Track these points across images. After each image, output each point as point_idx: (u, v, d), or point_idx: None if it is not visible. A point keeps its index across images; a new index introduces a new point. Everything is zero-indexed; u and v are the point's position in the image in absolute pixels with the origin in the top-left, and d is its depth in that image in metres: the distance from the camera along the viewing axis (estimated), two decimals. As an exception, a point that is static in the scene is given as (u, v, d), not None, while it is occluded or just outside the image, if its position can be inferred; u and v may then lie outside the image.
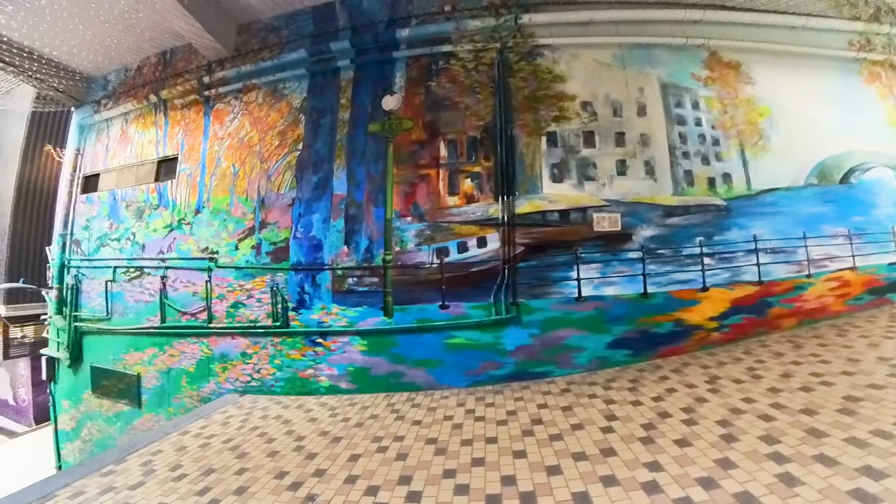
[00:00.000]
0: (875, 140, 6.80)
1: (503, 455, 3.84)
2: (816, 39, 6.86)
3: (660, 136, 5.97)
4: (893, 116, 7.00)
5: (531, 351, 5.61)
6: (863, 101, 6.91)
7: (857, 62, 7.04)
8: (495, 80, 6.08)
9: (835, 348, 5.18)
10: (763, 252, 5.88)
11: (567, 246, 5.66)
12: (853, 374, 4.31)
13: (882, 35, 7.25)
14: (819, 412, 3.62)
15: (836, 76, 6.87)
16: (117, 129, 7.54)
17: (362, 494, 3.49)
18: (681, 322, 5.65)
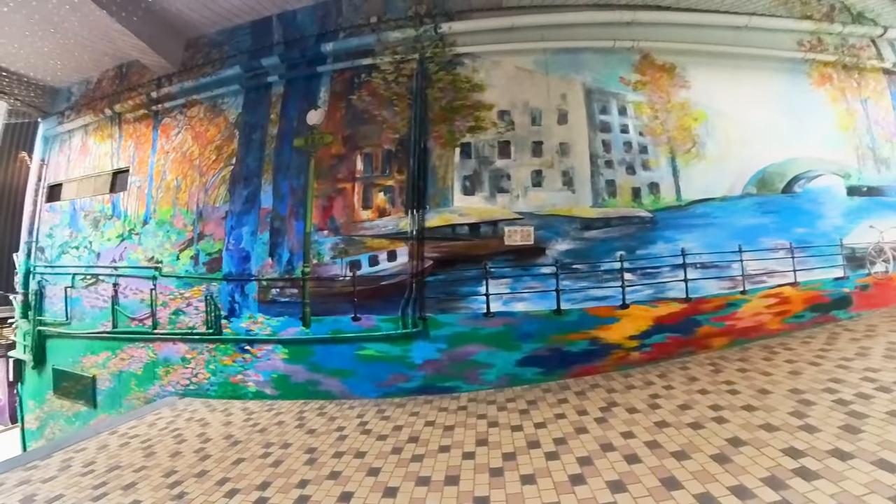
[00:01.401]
0: (823, 146, 5.49)
1: (359, 471, 3.32)
2: (762, 39, 5.55)
3: (581, 144, 4.96)
4: (844, 121, 5.64)
5: (439, 365, 4.89)
6: (811, 105, 5.57)
7: (807, 63, 5.67)
8: (413, 91, 5.24)
9: (753, 375, 4.16)
10: (692, 267, 4.82)
11: (476, 260, 4.85)
12: (754, 410, 3.38)
13: (835, 35, 5.81)
14: (692, 456, 2.83)
15: (782, 78, 5.55)
16: (78, 141, 7.15)
17: (222, 496, 3.19)
18: (597, 340, 4.74)
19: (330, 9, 5.82)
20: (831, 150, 5.59)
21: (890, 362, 3.94)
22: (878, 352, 4.24)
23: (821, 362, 4.17)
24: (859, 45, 6.07)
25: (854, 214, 5.52)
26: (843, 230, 5.39)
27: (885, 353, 4.11)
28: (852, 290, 5.32)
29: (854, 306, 5.31)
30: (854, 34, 6.01)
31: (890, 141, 5.86)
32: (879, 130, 5.84)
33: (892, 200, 5.74)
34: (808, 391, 3.61)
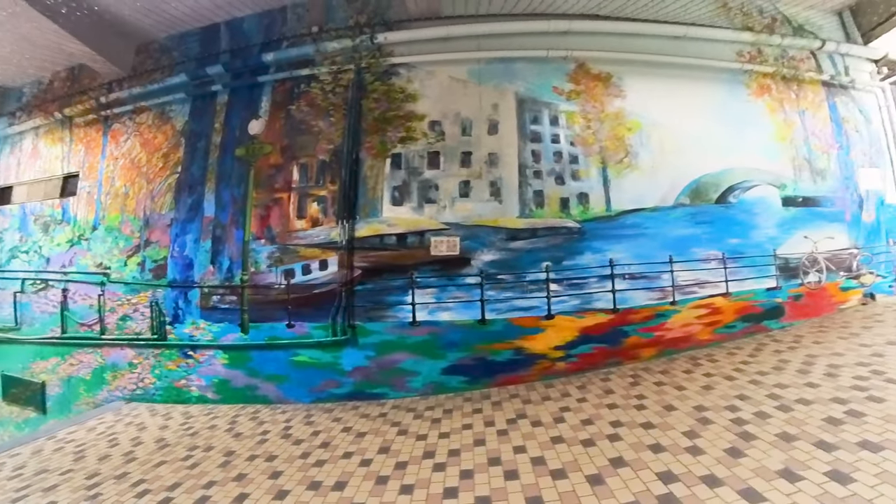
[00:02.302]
0: (760, 156, 5.16)
1: (263, 474, 3.20)
2: (701, 49, 5.21)
3: (510, 154, 4.67)
4: (782, 132, 5.29)
5: (367, 372, 4.65)
6: (748, 116, 5.23)
7: (745, 74, 5.33)
8: (349, 101, 4.96)
9: (667, 389, 3.87)
10: (621, 277, 4.52)
11: (403, 270, 4.59)
12: (651, 429, 3.12)
13: (775, 46, 5.45)
14: (569, 476, 2.63)
15: (720, 88, 5.21)
16: (29, 143, 6.74)
17: (133, 497, 3.09)
18: (521, 350, 4.47)
19: (275, 17, 5.51)
20: (768, 160, 5.26)
21: (801, 377, 3.64)
22: (795, 365, 3.94)
23: (737, 376, 3.88)
24: (799, 57, 5.71)
25: (788, 225, 5.20)
26: (777, 240, 5.08)
27: (799, 367, 3.82)
28: (785, 300, 5.02)
29: (786, 316, 5.00)
30: (794, 46, 5.65)
31: (826, 152, 5.52)
32: (816, 142, 5.50)
33: (827, 211, 5.42)
34: (711, 408, 3.33)
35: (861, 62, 6.05)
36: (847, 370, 3.63)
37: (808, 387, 3.44)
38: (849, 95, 5.86)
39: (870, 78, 6.00)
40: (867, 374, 3.52)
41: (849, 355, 3.98)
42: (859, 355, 3.96)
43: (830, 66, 5.80)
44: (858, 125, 5.75)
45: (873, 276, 5.47)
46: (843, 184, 5.55)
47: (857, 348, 4.13)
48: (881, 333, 4.42)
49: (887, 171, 5.82)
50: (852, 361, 3.83)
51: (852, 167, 5.63)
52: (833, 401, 3.16)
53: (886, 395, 3.10)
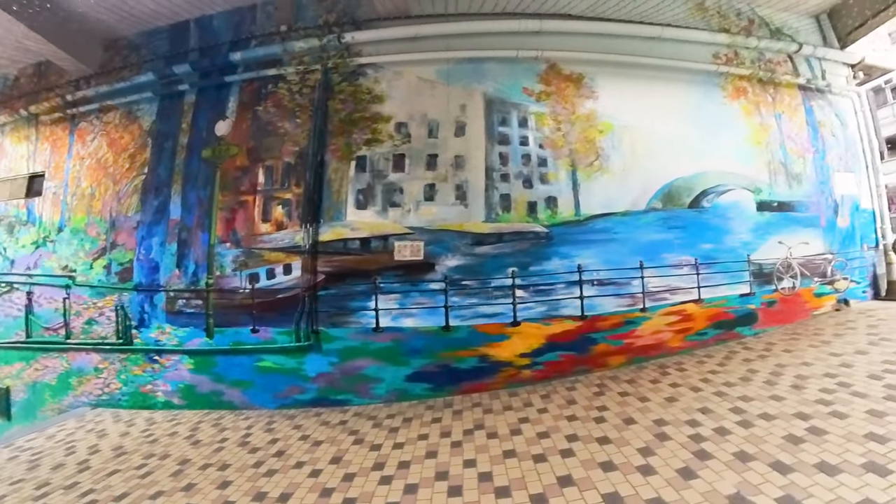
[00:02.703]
0: (734, 160, 4.93)
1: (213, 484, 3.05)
2: (676, 51, 4.97)
3: (477, 157, 4.44)
4: (758, 135, 5.07)
5: (331, 378, 4.42)
6: (723, 118, 5.01)
7: (721, 76, 5.10)
8: (315, 102, 4.73)
9: (631, 401, 3.65)
10: (589, 284, 4.30)
11: (367, 275, 4.36)
12: (606, 444, 2.91)
13: (751, 49, 5.22)
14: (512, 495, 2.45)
15: (695, 90, 4.98)
16: None
17: None
18: (486, 358, 4.25)
19: (245, 15, 5.23)
20: (743, 164, 5.04)
21: (767, 389, 3.41)
22: (762, 376, 3.72)
23: (703, 387, 3.64)
24: (776, 61, 5.49)
25: (763, 230, 4.99)
26: (751, 246, 4.87)
27: (767, 378, 3.60)
28: (758, 306, 4.80)
29: (759, 323, 4.79)
30: (771, 49, 5.42)
31: (802, 156, 5.31)
32: (792, 146, 5.28)
33: (803, 216, 5.20)
34: (672, 423, 3.11)
35: (837, 66, 5.85)
36: (814, 382, 3.41)
37: (773, 400, 3.25)
38: (825, 99, 5.66)
39: (846, 82, 5.81)
40: (833, 387, 3.33)
41: (817, 365, 3.78)
42: (828, 365, 3.77)
43: (807, 70, 5.60)
44: (834, 129, 5.55)
45: (847, 282, 5.29)
46: (819, 188, 5.35)
47: (826, 357, 3.93)
48: (852, 342, 4.22)
49: (862, 176, 5.64)
50: (820, 372, 3.65)
51: (828, 172, 5.43)
52: (796, 416, 2.97)
53: (850, 410, 2.92)
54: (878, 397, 3.03)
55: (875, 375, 3.38)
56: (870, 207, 5.71)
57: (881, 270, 5.57)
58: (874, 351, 3.90)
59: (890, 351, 3.84)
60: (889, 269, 5.53)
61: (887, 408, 2.85)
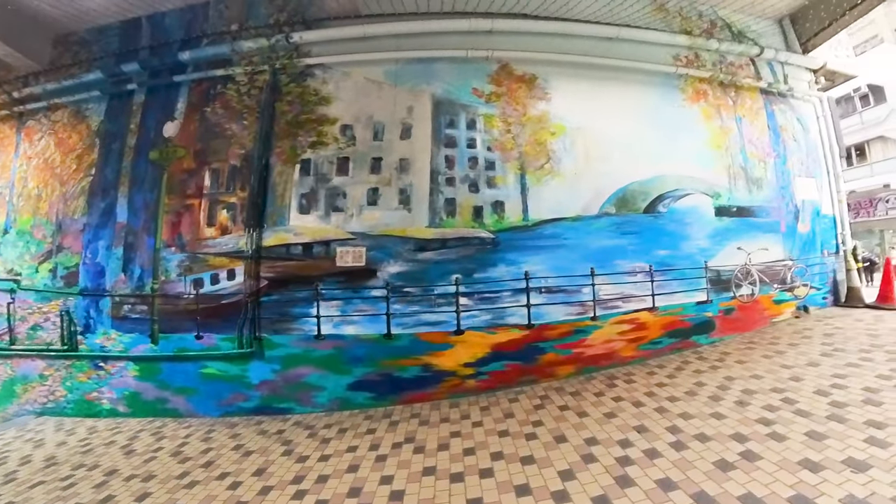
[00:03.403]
0: (692, 164, 4.62)
1: (132, 496, 2.83)
2: (633, 52, 4.65)
3: (422, 160, 4.13)
4: (717, 139, 4.76)
5: (274, 386, 4.12)
6: (682, 121, 4.70)
7: (681, 78, 4.78)
8: (262, 104, 4.40)
9: (569, 416, 3.33)
10: (536, 291, 3.99)
11: (309, 281, 4.05)
12: (529, 464, 2.65)
13: (713, 52, 4.91)
14: None
15: (652, 92, 4.67)
16: None
17: None
18: (429, 367, 3.95)
19: (197, 14, 4.89)
20: (702, 168, 4.72)
21: (711, 405, 3.08)
22: (709, 390, 3.39)
23: (646, 402, 3.33)
24: (737, 64, 5.17)
25: (721, 236, 4.68)
26: (708, 252, 4.55)
27: (713, 393, 3.28)
28: (715, 314, 4.49)
29: (716, 331, 4.48)
30: (732, 52, 5.11)
31: (763, 161, 5.01)
32: (753, 150, 4.98)
33: (762, 221, 4.90)
34: (603, 442, 2.80)
35: (800, 71, 5.56)
36: (760, 397, 3.10)
37: (714, 418, 2.93)
38: (787, 103, 5.35)
39: (808, 87, 5.51)
40: (778, 404, 3.04)
41: (767, 378, 3.46)
42: (777, 379, 3.46)
43: (769, 74, 5.29)
44: (796, 134, 5.25)
45: (807, 289, 4.98)
46: (779, 193, 5.05)
47: (777, 370, 3.63)
48: (805, 352, 3.91)
49: (823, 182, 5.34)
50: (768, 386, 3.33)
51: (789, 177, 5.13)
52: (733, 438, 2.67)
53: (789, 431, 2.62)
54: (820, 416, 2.75)
55: (822, 391, 3.10)
56: (830, 213, 5.40)
57: (841, 277, 5.29)
58: (826, 363, 3.61)
59: (841, 363, 3.56)
60: (849, 276, 5.26)
61: (828, 430, 2.57)
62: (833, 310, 5.16)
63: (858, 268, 5.44)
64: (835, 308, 5.21)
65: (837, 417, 2.67)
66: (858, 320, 4.64)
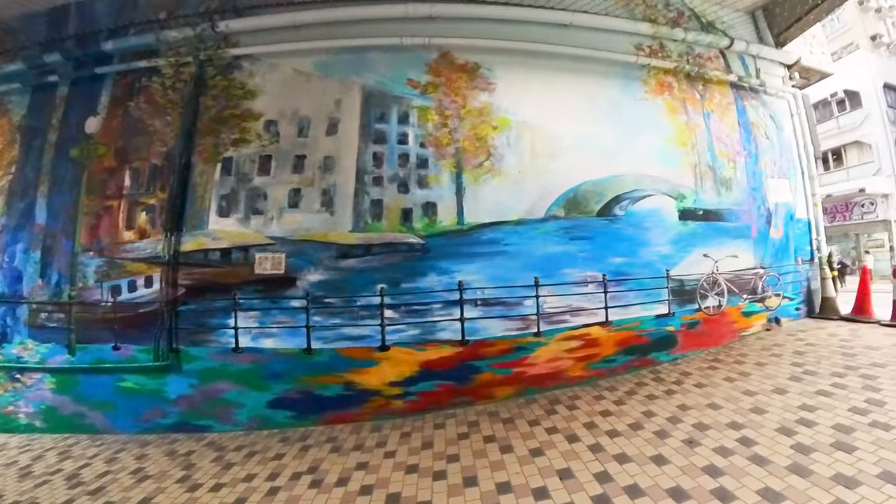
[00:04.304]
0: (654, 162, 3.94)
1: None
2: (591, 40, 3.97)
3: (348, 157, 3.49)
4: (683, 135, 4.08)
5: (192, 402, 3.53)
6: (644, 115, 4.02)
7: (643, 69, 4.10)
8: (187, 98, 3.81)
9: (491, 449, 2.67)
10: (471, 303, 3.34)
11: (227, 289, 3.43)
12: None
13: (679, 42, 4.22)
14: None
15: (611, 84, 3.99)
16: None
17: None
18: (352, 385, 3.31)
19: (127, 0, 4.25)
20: (665, 167, 4.04)
21: (654, 444, 2.39)
22: (658, 422, 2.70)
23: (582, 436, 2.66)
24: (706, 56, 4.46)
25: (686, 241, 3.99)
26: (671, 260, 3.88)
27: (661, 427, 2.62)
28: (677, 328, 3.82)
29: (679, 347, 3.81)
30: (700, 43, 4.40)
31: (733, 160, 4.30)
32: (722, 148, 4.28)
33: (731, 226, 4.20)
34: (516, 490, 2.14)
35: (773, 66, 4.84)
36: (713, 435, 2.41)
37: (653, 463, 2.21)
38: (759, 99, 4.63)
39: (782, 83, 4.79)
40: (732, 446, 2.37)
41: (725, 409, 2.75)
42: (737, 409, 2.77)
43: (740, 68, 4.59)
44: (769, 132, 4.53)
45: (779, 299, 4.28)
46: (750, 196, 4.35)
47: (739, 398, 2.92)
48: (772, 375, 3.20)
49: (798, 183, 4.62)
50: (725, 420, 2.63)
51: (761, 177, 4.42)
52: (670, 494, 1.97)
53: (739, 487, 1.89)
54: (779, 467, 2.08)
55: (786, 429, 2.39)
56: (805, 217, 4.68)
57: (815, 286, 4.58)
58: (794, 390, 2.94)
59: (811, 390, 2.91)
60: (824, 285, 4.55)
61: (786, 488, 1.91)
62: (806, 322, 4.46)
63: (833, 276, 4.78)
64: (808, 320, 4.50)
65: (800, 469, 1.99)
66: (833, 335, 3.93)
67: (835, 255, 4.63)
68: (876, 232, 12.80)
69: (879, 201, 12.72)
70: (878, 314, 4.32)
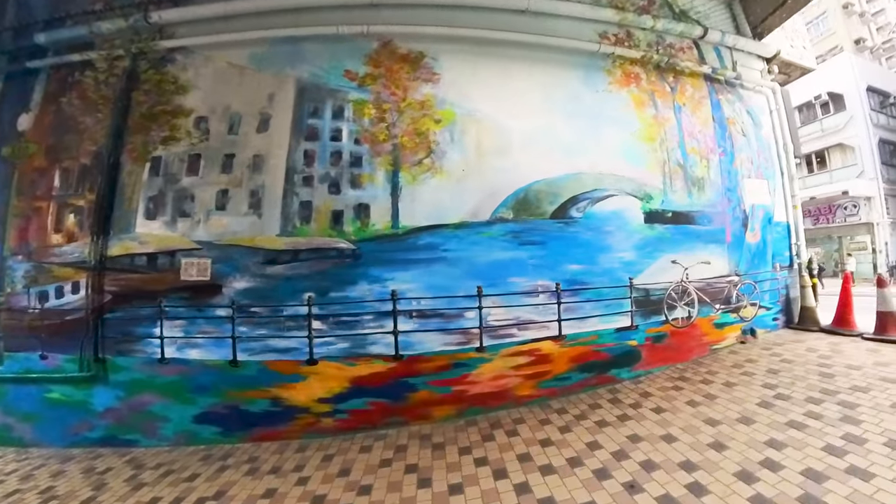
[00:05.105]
0: (617, 159, 3.39)
1: None
2: (551, 27, 3.42)
3: (278, 156, 3.01)
4: (651, 130, 3.52)
5: (119, 415, 3.10)
6: (607, 108, 3.47)
7: (608, 58, 3.54)
8: (119, 94, 3.36)
9: (408, 483, 2.16)
10: (406, 315, 2.86)
11: (153, 296, 3.00)
12: None
13: (648, 30, 3.66)
14: None
15: (571, 74, 3.44)
16: None
17: None
18: (279, 401, 2.85)
19: None
20: (630, 164, 3.48)
21: (588, 489, 1.89)
22: (602, 457, 2.18)
23: (511, 472, 2.15)
24: (678, 46, 3.88)
25: (652, 247, 3.44)
26: (635, 267, 3.33)
27: (604, 462, 2.11)
28: (641, 343, 3.27)
29: (643, 362, 3.26)
30: (672, 31, 3.82)
31: (706, 158, 3.72)
32: (694, 144, 3.70)
33: (704, 229, 3.63)
34: None
35: (751, 59, 4.24)
36: (660, 478, 1.90)
37: None
38: (736, 93, 4.04)
39: (760, 77, 4.20)
40: (679, 495, 1.74)
41: (682, 442, 2.20)
42: (695, 442, 2.17)
43: (715, 59, 4.01)
44: (746, 128, 3.94)
45: (755, 309, 3.71)
46: (725, 197, 3.77)
47: (699, 427, 2.34)
48: (740, 399, 2.63)
49: (776, 184, 4.03)
50: (678, 458, 2.05)
51: (736, 177, 3.84)
52: None
53: None
54: None
55: (746, 474, 1.82)
56: (784, 220, 4.09)
57: (794, 294, 3.99)
58: (762, 420, 2.33)
59: (782, 421, 2.28)
60: (803, 293, 3.95)
61: None
62: (784, 333, 3.86)
63: (814, 283, 4.15)
64: (786, 331, 3.91)
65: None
66: (811, 350, 3.34)
67: (815, 260, 4.07)
68: (859, 234, 12.25)
69: (862, 204, 12.18)
70: (861, 325, 3.70)
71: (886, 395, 2.46)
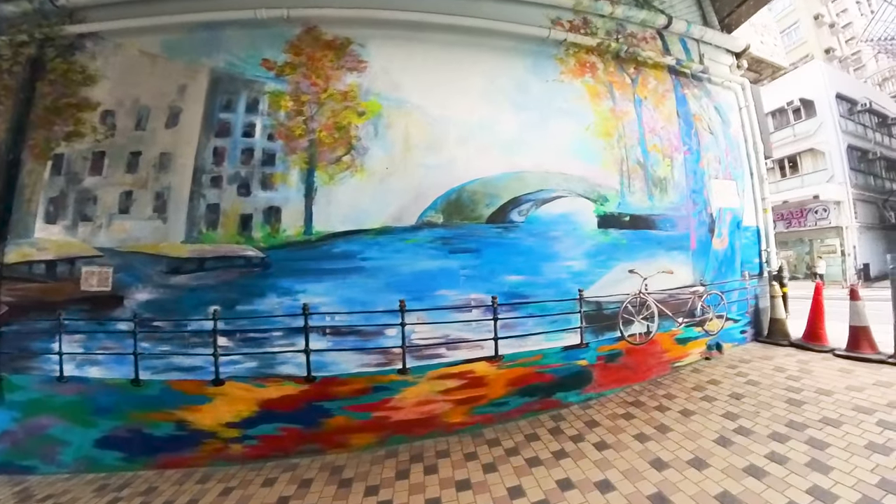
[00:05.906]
0: (568, 157, 2.85)
1: None
2: (496, 11, 2.86)
3: (186, 154, 2.51)
4: (607, 125, 2.96)
5: (16, 438, 2.59)
6: (557, 100, 2.92)
7: (560, 46, 2.98)
8: (21, 84, 2.87)
9: None
10: (319, 332, 2.36)
11: (52, 308, 2.51)
12: None
13: (606, 17, 3.10)
14: None
15: (517, 63, 2.90)
16: None
17: None
18: (185, 425, 2.37)
19: None
20: (582, 162, 2.95)
21: None
22: None
23: None
24: (641, 35, 3.33)
25: (606, 254, 2.91)
26: (586, 277, 2.82)
27: None
28: (592, 362, 2.77)
29: (594, 384, 2.77)
30: (632, 20, 3.26)
31: (669, 156, 3.18)
32: (656, 142, 3.16)
33: (666, 235, 3.09)
34: None
35: (719, 53, 3.70)
36: None
37: None
38: (703, 88, 3.49)
39: (729, 71, 3.67)
40: None
41: (618, 493, 1.68)
42: (633, 494, 1.65)
43: (681, 51, 3.46)
44: (713, 125, 3.40)
45: (721, 321, 3.19)
46: (690, 199, 3.23)
47: (643, 471, 1.81)
48: (697, 432, 2.10)
49: (746, 186, 3.50)
50: None
51: (703, 178, 3.30)
52: None
53: None
54: None
55: None
56: (754, 224, 3.57)
57: (764, 304, 3.47)
58: (717, 461, 1.79)
59: (740, 464, 1.73)
60: (773, 304, 3.41)
61: None
62: (751, 347, 3.34)
63: (784, 293, 3.56)
64: (754, 344, 3.39)
65: None
66: (779, 369, 2.83)
67: (786, 268, 3.54)
68: (829, 238, 11.83)
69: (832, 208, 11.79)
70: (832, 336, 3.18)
71: (860, 430, 1.96)
